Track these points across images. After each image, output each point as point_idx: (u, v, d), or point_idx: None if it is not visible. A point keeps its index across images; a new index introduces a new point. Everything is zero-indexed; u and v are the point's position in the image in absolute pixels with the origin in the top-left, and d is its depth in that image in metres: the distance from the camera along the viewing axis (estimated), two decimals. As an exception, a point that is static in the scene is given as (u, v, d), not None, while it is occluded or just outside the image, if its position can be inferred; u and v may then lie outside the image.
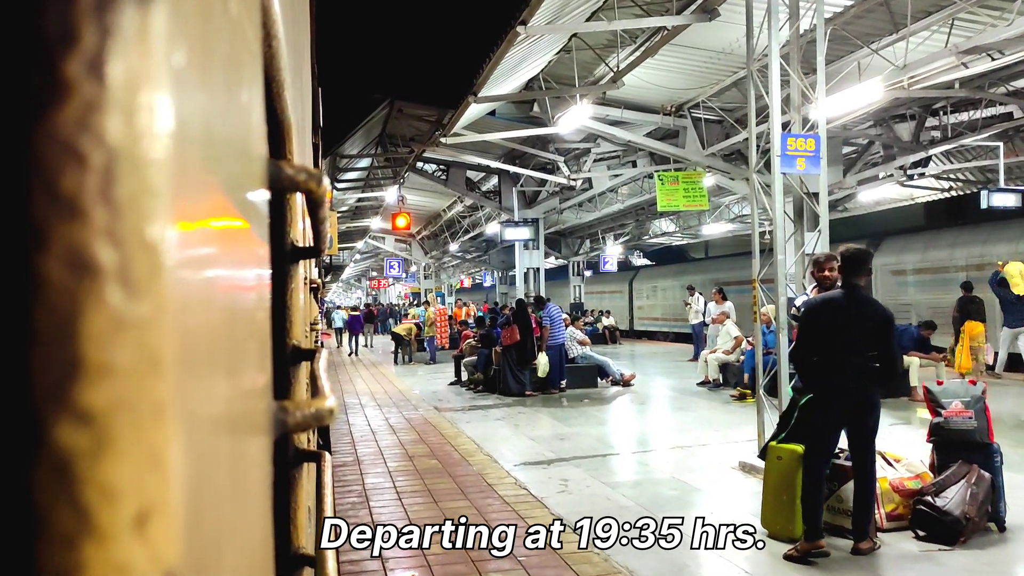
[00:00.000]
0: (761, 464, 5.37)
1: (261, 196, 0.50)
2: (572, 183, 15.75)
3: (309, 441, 1.29)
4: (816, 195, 6.97)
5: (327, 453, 1.02)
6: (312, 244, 0.99)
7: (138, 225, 0.21)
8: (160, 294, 0.22)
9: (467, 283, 44.40)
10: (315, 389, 0.92)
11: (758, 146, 6.83)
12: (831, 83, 8.14)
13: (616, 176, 16.61)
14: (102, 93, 0.20)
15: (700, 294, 17.35)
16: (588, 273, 30.37)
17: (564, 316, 13.13)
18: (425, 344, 18.64)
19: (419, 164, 16.91)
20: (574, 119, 11.49)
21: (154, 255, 0.22)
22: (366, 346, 23.90)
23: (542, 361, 11.84)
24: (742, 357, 11.31)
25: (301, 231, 1.19)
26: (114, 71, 0.21)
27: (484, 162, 16.10)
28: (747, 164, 13.02)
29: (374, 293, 49.41)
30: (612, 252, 28.63)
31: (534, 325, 12.15)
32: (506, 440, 8.13)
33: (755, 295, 6.83)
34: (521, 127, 13.37)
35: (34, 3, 0.20)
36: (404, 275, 31.39)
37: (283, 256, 0.87)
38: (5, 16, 0.20)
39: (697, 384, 12.17)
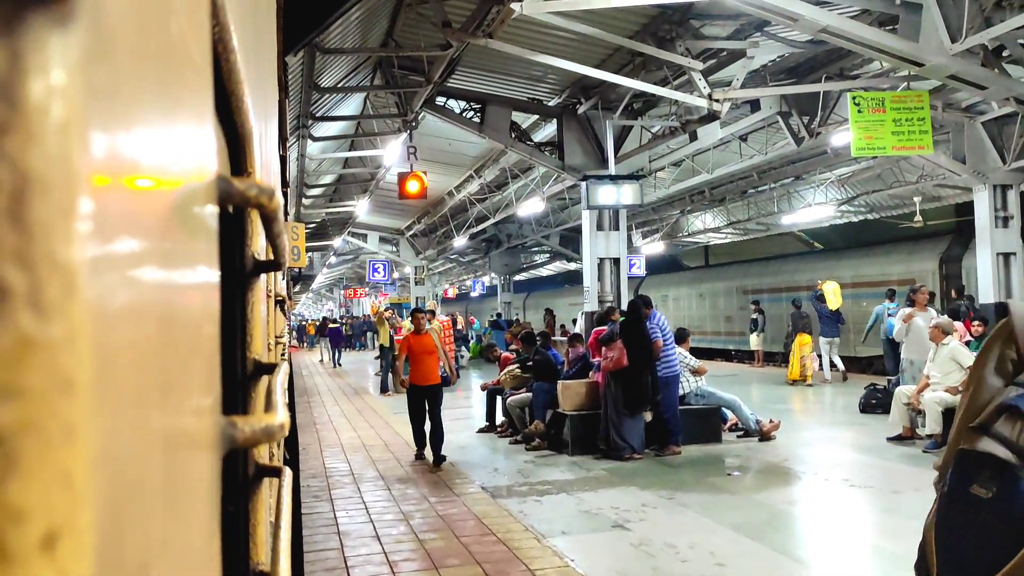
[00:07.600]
0: None
1: (208, 211, 0.52)
2: (716, 106, 9.92)
3: (273, 456, 1.29)
4: None
5: (288, 468, 1.03)
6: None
7: (50, 248, 0.22)
8: (74, 315, 0.22)
9: (451, 293, 43.10)
10: (268, 404, 0.93)
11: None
12: None
13: (752, 112, 11.69)
14: (11, 116, 0.21)
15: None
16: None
17: None
18: None
19: (439, 100, 11.57)
20: None
21: (68, 277, 0.22)
22: (321, 361, 23.44)
23: None
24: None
25: (264, 244, 1.21)
26: (24, 94, 0.21)
27: (571, 66, 9.53)
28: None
29: (348, 304, 47.73)
30: (650, 249, 24.32)
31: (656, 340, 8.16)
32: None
33: None
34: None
35: None
36: (389, 280, 29.20)
37: (243, 270, 0.89)
38: None
39: (888, 439, 8.15)
